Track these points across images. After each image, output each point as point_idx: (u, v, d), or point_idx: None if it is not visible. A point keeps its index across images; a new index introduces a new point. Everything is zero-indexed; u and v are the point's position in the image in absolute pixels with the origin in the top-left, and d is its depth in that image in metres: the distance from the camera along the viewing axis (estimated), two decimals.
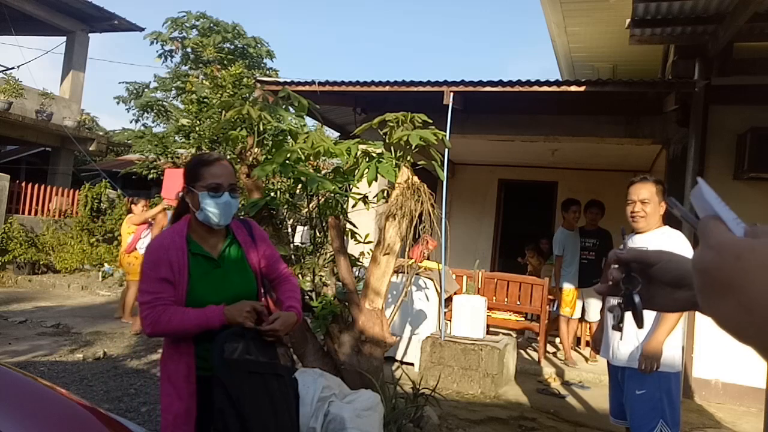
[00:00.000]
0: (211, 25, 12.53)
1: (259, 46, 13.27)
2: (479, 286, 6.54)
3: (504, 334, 6.18)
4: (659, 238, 2.88)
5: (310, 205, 3.88)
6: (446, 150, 4.86)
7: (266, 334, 1.91)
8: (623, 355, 2.92)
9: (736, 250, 0.48)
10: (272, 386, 1.90)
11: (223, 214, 1.96)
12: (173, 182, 6.53)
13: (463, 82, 5.93)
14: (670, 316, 2.78)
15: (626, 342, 2.90)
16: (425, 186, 3.61)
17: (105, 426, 1.72)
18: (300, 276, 3.71)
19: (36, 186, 11.95)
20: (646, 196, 2.93)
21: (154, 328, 1.85)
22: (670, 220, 2.99)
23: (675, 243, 2.85)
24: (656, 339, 2.76)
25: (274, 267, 2.16)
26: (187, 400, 1.87)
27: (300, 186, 3.71)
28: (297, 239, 5.11)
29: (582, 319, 6.61)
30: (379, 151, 3.63)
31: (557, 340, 7.51)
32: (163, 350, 1.99)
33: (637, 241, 2.96)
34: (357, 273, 4.09)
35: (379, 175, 3.39)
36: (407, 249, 3.92)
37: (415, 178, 3.61)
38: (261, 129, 3.77)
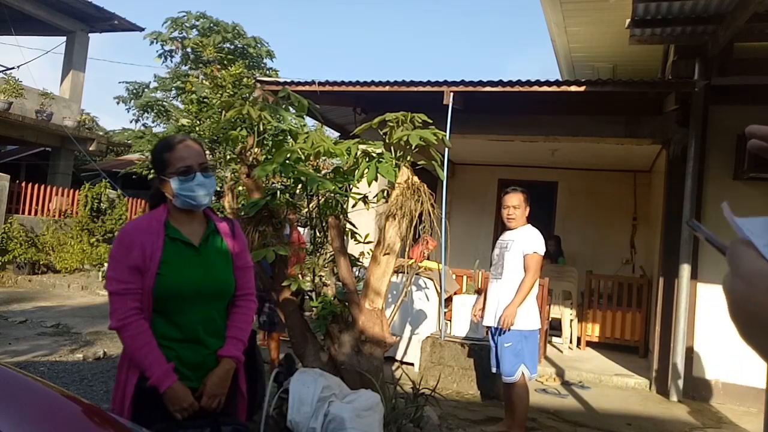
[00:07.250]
0: (211, 25, 12.50)
1: (259, 46, 13.24)
2: (479, 286, 6.54)
3: None
4: (521, 233, 3.93)
5: (310, 205, 3.88)
6: (446, 150, 4.86)
7: (209, 406, 1.86)
8: (497, 319, 3.89)
9: None
10: None
11: (200, 195, 1.90)
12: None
13: (463, 82, 5.92)
14: (524, 288, 3.80)
15: (500, 310, 3.89)
16: (425, 186, 3.60)
17: (105, 426, 1.72)
18: (300, 276, 3.71)
19: (36, 186, 11.95)
20: (516, 203, 3.90)
21: (119, 326, 1.82)
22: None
23: (528, 236, 3.90)
24: (512, 304, 3.81)
25: (240, 275, 2.01)
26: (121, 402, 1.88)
27: (300, 186, 3.71)
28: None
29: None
30: (379, 151, 3.62)
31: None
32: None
33: (507, 235, 4.01)
34: (357, 273, 4.09)
35: (379, 175, 3.38)
36: (407, 249, 3.92)
37: (415, 178, 3.61)
38: (261, 129, 3.76)
